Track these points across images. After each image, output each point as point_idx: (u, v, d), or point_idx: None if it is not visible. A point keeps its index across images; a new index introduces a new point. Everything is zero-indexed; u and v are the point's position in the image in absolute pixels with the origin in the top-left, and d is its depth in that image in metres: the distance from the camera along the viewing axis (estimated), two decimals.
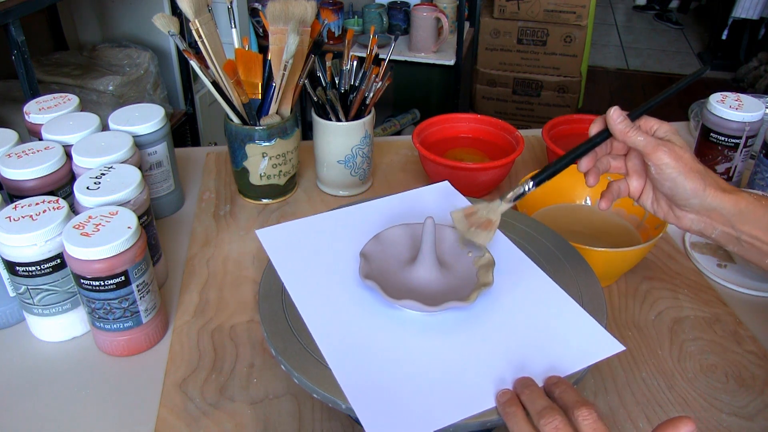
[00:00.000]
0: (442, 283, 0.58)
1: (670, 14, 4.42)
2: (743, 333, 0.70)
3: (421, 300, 0.54)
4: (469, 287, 0.57)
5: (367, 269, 0.58)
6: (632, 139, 0.57)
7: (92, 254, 0.59)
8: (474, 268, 0.60)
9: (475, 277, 0.59)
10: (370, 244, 0.61)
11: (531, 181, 0.59)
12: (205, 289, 0.76)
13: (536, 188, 0.59)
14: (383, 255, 0.61)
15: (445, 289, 0.58)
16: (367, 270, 0.58)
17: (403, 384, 0.50)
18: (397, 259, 0.61)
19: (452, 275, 0.59)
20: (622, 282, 0.77)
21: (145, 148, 0.82)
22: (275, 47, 0.82)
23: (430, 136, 0.99)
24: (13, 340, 0.69)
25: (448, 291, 0.58)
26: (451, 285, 0.58)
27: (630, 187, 0.62)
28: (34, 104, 0.82)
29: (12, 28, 1.22)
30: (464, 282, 0.59)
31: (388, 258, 0.61)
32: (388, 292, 0.55)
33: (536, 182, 0.59)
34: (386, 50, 0.93)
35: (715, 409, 0.61)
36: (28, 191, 0.70)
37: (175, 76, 1.99)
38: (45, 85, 1.66)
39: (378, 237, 0.62)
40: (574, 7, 2.53)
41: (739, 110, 0.88)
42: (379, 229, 0.64)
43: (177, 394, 0.62)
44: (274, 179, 0.90)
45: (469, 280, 0.59)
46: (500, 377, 0.50)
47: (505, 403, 0.47)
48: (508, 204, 0.58)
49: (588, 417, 0.43)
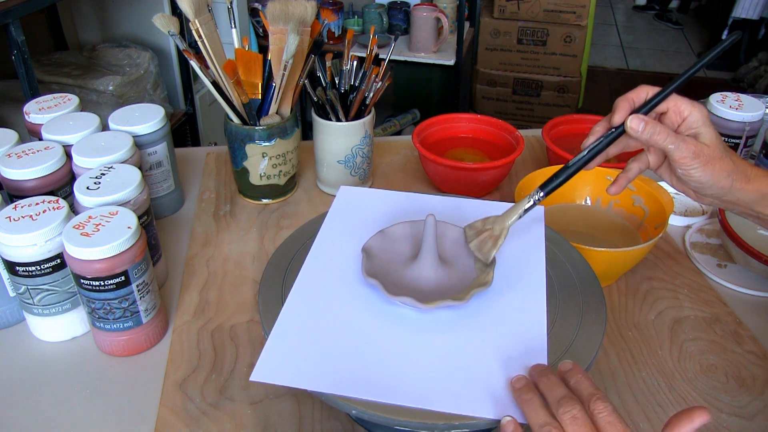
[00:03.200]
0: (442, 280, 0.58)
1: (670, 14, 4.43)
2: (743, 333, 0.70)
3: (419, 297, 0.54)
4: (469, 286, 0.57)
5: (369, 264, 0.59)
6: (660, 144, 0.54)
7: (92, 254, 0.59)
8: (473, 263, 0.60)
9: (474, 273, 0.59)
10: (374, 238, 0.62)
11: (540, 191, 0.58)
12: (205, 289, 0.76)
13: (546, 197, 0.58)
14: (387, 250, 0.62)
15: (445, 287, 0.58)
16: (368, 265, 0.58)
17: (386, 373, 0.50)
18: (400, 256, 0.61)
19: (453, 273, 0.59)
20: (622, 282, 0.77)
21: (145, 148, 0.82)
22: (275, 47, 0.82)
23: (430, 136, 0.99)
24: (13, 340, 0.69)
25: (447, 289, 0.58)
26: (452, 283, 0.58)
27: (649, 161, 0.60)
28: (34, 104, 0.82)
29: (12, 28, 1.22)
30: (465, 280, 0.59)
31: (391, 254, 0.62)
32: (387, 287, 0.55)
33: (546, 192, 0.58)
34: (386, 50, 0.93)
35: (715, 409, 0.61)
36: (28, 191, 0.70)
37: (175, 76, 1.99)
38: (45, 85, 1.66)
39: (383, 232, 0.62)
40: (574, 7, 2.53)
41: (739, 110, 0.88)
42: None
43: (177, 394, 0.62)
44: (274, 179, 0.90)
45: (470, 278, 0.59)
46: (489, 378, 0.49)
47: (521, 389, 0.46)
48: (516, 217, 0.58)
49: (603, 410, 0.42)
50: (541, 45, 2.64)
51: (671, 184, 0.59)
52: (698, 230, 0.86)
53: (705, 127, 0.54)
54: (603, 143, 0.57)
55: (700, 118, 0.54)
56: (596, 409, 0.43)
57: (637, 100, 0.56)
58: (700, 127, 0.54)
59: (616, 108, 0.56)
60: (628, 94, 0.56)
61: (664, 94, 0.55)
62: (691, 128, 0.55)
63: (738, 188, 0.55)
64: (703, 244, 0.84)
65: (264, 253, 0.82)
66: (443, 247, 0.62)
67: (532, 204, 0.58)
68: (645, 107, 0.55)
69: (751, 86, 3.23)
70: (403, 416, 0.47)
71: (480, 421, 0.46)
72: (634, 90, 0.56)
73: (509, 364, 0.50)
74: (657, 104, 0.55)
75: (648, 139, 0.54)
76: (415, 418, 0.46)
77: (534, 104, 2.77)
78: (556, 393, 0.44)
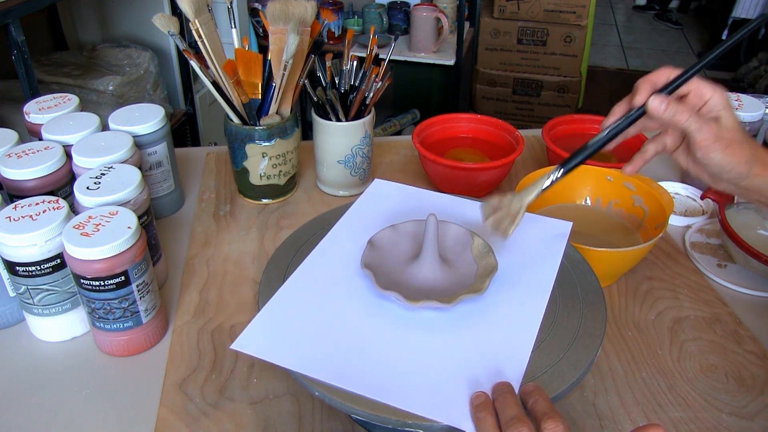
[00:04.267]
0: (439, 281, 0.59)
1: (670, 14, 4.42)
2: (743, 333, 0.70)
3: (410, 295, 0.55)
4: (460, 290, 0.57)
5: (370, 256, 0.59)
6: (682, 125, 0.53)
7: (92, 254, 0.59)
8: (475, 268, 0.60)
9: (473, 278, 0.59)
10: (383, 232, 0.62)
11: (560, 168, 0.56)
12: (205, 289, 0.76)
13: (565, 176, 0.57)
14: (393, 245, 0.62)
15: (440, 288, 0.58)
16: (368, 256, 0.59)
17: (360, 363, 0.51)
18: (404, 252, 0.62)
19: (452, 275, 0.59)
20: (622, 282, 0.77)
21: (145, 148, 0.82)
22: (275, 47, 0.82)
23: (430, 136, 0.99)
24: (13, 340, 0.69)
25: (442, 290, 0.58)
26: (448, 285, 0.58)
27: (666, 143, 0.59)
28: (34, 104, 0.82)
29: (12, 28, 1.22)
30: (461, 284, 0.58)
31: (396, 249, 0.62)
32: (380, 281, 0.56)
33: (566, 170, 0.57)
34: (386, 50, 0.93)
35: (715, 409, 0.61)
36: (28, 191, 0.70)
37: (175, 76, 1.99)
38: (45, 85, 1.66)
39: (394, 227, 0.63)
40: (574, 7, 2.53)
41: (739, 110, 0.88)
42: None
43: (177, 394, 0.62)
44: (274, 179, 0.90)
45: (467, 282, 0.59)
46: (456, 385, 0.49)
47: (478, 407, 0.47)
48: (535, 195, 0.57)
49: (554, 429, 0.43)
50: (541, 45, 2.64)
51: (686, 167, 0.58)
52: (698, 230, 0.86)
53: (726, 111, 0.54)
54: (623, 124, 0.56)
55: (721, 102, 0.54)
56: (547, 428, 0.43)
57: (658, 82, 0.55)
58: (721, 110, 0.54)
59: (638, 89, 0.55)
60: (649, 76, 0.55)
61: (687, 76, 0.54)
62: (712, 111, 0.54)
63: (756, 174, 0.54)
64: (703, 244, 0.84)
65: (264, 253, 0.82)
66: (447, 248, 0.62)
67: (551, 183, 0.57)
68: (667, 88, 0.54)
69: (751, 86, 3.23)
70: (361, 406, 0.47)
71: (433, 423, 0.46)
72: (655, 72, 0.55)
73: (480, 376, 0.50)
74: (679, 86, 0.54)
75: (670, 119, 0.53)
76: (372, 410, 0.47)
77: (534, 104, 2.77)
78: (507, 413, 0.45)
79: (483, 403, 0.47)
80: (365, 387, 0.48)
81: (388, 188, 0.73)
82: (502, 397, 0.47)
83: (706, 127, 0.53)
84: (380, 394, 0.48)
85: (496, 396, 0.47)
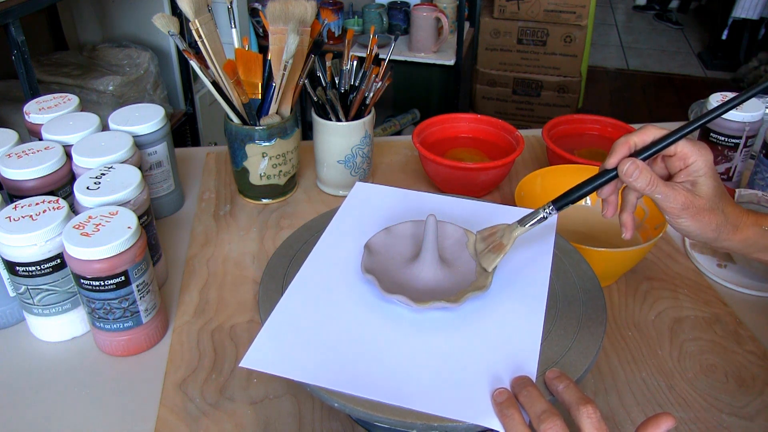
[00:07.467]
0: (440, 281, 0.58)
1: (670, 14, 4.43)
2: (743, 333, 0.70)
3: (415, 297, 0.54)
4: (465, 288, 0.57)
5: (369, 260, 0.59)
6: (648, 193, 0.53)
7: (92, 254, 0.59)
8: (474, 265, 0.60)
9: (474, 276, 0.59)
10: (378, 236, 0.62)
11: (552, 205, 0.56)
12: (205, 289, 0.76)
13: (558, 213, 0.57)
14: (390, 248, 0.62)
15: (443, 288, 0.58)
16: (368, 261, 0.59)
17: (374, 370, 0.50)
18: (402, 254, 0.62)
19: (453, 274, 0.59)
20: (622, 282, 0.77)
21: (145, 148, 0.82)
22: (275, 47, 0.82)
23: (430, 136, 0.99)
24: (13, 340, 0.69)
25: (445, 290, 0.58)
26: (450, 284, 0.58)
27: None
28: (34, 104, 0.82)
29: (12, 28, 1.22)
30: (463, 282, 0.59)
31: (394, 252, 0.62)
32: (384, 285, 0.55)
33: (558, 207, 0.56)
34: (386, 50, 0.93)
35: (715, 409, 0.61)
36: (28, 191, 0.70)
37: (175, 76, 1.99)
38: (45, 85, 1.66)
39: (388, 230, 0.63)
40: (574, 7, 2.53)
41: (739, 110, 0.88)
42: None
43: (177, 394, 0.62)
44: (274, 179, 0.90)
45: (469, 280, 0.59)
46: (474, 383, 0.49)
47: (502, 404, 0.46)
48: (525, 229, 0.57)
49: (592, 415, 0.43)
50: (541, 45, 2.64)
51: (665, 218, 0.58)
52: None
53: (705, 177, 0.53)
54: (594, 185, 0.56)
55: (703, 167, 0.53)
56: (586, 413, 0.43)
57: (639, 143, 0.54)
58: (701, 177, 0.53)
59: (613, 151, 0.55)
60: (630, 135, 0.54)
61: (665, 143, 0.53)
62: (691, 176, 0.54)
63: (724, 239, 0.55)
64: (704, 244, 0.84)
65: (264, 253, 0.82)
66: (445, 248, 0.62)
67: (540, 219, 0.57)
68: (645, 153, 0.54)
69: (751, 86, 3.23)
70: (383, 413, 0.47)
71: (459, 424, 0.46)
72: (639, 131, 0.55)
73: (497, 371, 0.50)
74: (658, 152, 0.54)
75: (641, 187, 0.53)
76: (395, 416, 0.47)
77: (534, 104, 2.77)
78: (536, 408, 0.44)
79: (507, 400, 0.46)
80: (385, 394, 0.48)
81: (370, 191, 0.73)
82: (525, 392, 0.46)
83: (674, 195, 0.53)
84: (402, 400, 0.47)
85: (518, 391, 0.47)
